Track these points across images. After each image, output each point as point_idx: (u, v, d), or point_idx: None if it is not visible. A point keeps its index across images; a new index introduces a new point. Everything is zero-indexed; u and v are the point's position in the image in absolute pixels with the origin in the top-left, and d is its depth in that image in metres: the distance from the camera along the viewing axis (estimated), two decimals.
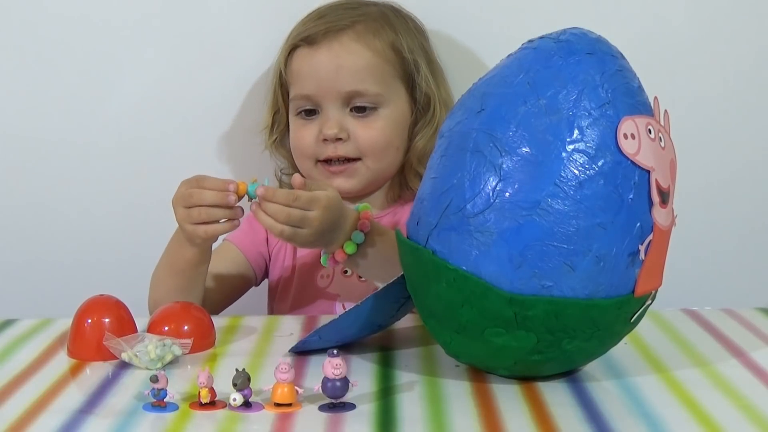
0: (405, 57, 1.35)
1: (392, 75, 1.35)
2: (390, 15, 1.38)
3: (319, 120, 1.34)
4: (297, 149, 1.38)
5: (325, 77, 1.33)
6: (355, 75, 1.32)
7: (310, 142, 1.35)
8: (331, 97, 1.33)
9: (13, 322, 1.26)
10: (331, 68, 1.33)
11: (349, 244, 1.21)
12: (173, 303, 1.19)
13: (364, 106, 1.33)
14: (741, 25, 1.48)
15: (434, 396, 0.99)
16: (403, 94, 1.36)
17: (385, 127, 1.34)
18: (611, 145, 0.93)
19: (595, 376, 1.04)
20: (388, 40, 1.35)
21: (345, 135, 1.33)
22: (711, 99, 1.49)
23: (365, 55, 1.33)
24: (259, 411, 0.95)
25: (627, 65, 0.99)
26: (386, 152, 1.35)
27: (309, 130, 1.35)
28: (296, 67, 1.36)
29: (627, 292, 0.96)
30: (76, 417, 0.94)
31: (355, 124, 1.33)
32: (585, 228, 0.92)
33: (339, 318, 1.07)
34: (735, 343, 1.14)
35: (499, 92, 0.97)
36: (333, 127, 1.33)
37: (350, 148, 1.33)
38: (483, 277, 0.94)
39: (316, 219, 1.15)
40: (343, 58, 1.33)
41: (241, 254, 1.39)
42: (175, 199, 1.19)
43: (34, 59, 1.49)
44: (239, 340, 1.18)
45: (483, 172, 0.94)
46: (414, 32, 1.39)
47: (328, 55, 1.33)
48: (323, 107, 1.34)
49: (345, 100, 1.33)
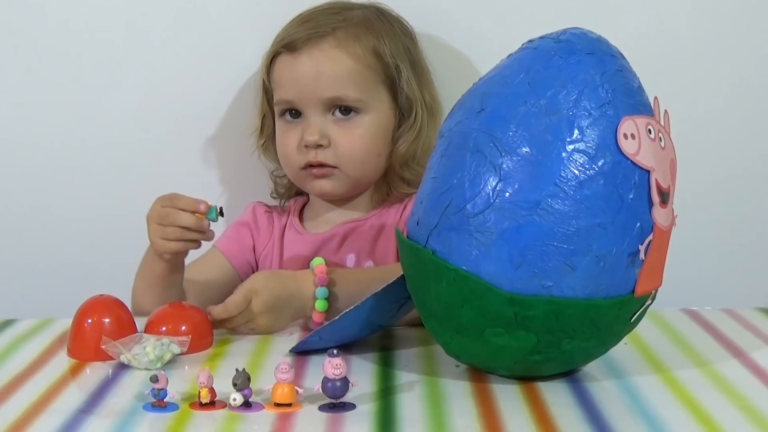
0: (386, 62, 1.35)
1: (374, 80, 1.35)
2: (373, 19, 1.37)
3: (302, 125, 1.34)
4: (282, 156, 1.38)
5: (305, 84, 1.33)
6: (336, 81, 1.32)
7: (293, 148, 1.35)
8: (312, 103, 1.33)
9: (13, 322, 1.26)
10: (311, 75, 1.33)
11: (319, 302, 1.21)
12: (170, 303, 1.19)
13: (347, 107, 1.33)
14: (741, 25, 1.48)
15: (434, 396, 0.99)
16: (386, 98, 1.36)
17: (366, 135, 1.34)
18: (611, 145, 0.93)
19: (595, 376, 1.04)
20: (369, 46, 1.34)
21: (326, 141, 1.33)
22: (711, 99, 1.49)
23: (345, 62, 1.33)
24: (259, 411, 0.95)
25: (627, 65, 0.99)
26: (366, 161, 1.35)
27: (292, 137, 1.35)
28: (278, 74, 1.36)
29: (627, 292, 0.96)
30: (76, 417, 0.94)
31: (336, 131, 1.33)
32: (585, 228, 0.92)
33: (339, 318, 1.07)
34: (735, 343, 1.14)
35: (499, 92, 0.97)
36: (314, 134, 1.33)
37: (329, 155, 1.33)
38: (483, 277, 0.94)
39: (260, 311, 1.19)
40: (323, 65, 1.32)
41: (227, 262, 1.40)
42: (149, 216, 1.24)
43: (30, 61, 1.49)
44: (239, 340, 1.18)
45: (483, 172, 0.94)
46: (399, 35, 1.38)
47: (308, 62, 1.33)
48: (305, 113, 1.34)
49: (326, 106, 1.33)
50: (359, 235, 1.37)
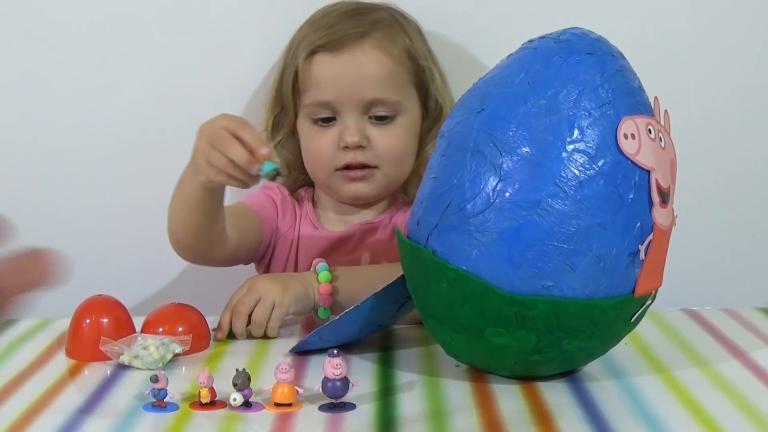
0: (420, 64, 1.35)
1: (408, 82, 1.34)
2: (401, 20, 1.37)
3: (337, 127, 1.33)
4: (314, 157, 1.35)
5: (346, 85, 1.31)
6: (377, 83, 1.31)
7: (327, 149, 1.33)
8: (351, 104, 1.31)
9: (13, 322, 1.26)
10: (353, 76, 1.31)
11: (323, 274, 1.23)
12: (167, 304, 1.18)
13: (383, 115, 1.33)
14: (741, 24, 1.48)
15: (434, 396, 0.99)
16: (416, 100, 1.35)
17: (403, 135, 1.33)
18: (611, 145, 0.93)
19: (595, 376, 1.04)
20: (404, 47, 1.34)
21: (366, 142, 1.32)
22: (712, 99, 1.49)
23: (386, 63, 1.32)
24: (259, 411, 0.95)
25: (627, 65, 0.99)
26: (402, 161, 1.35)
27: (326, 138, 1.33)
28: (316, 73, 1.33)
29: (627, 292, 0.96)
30: (76, 417, 0.94)
31: (374, 132, 1.32)
32: (585, 228, 0.92)
33: (339, 318, 1.07)
34: (735, 343, 1.14)
35: (499, 92, 0.97)
36: (354, 135, 1.31)
37: (369, 155, 1.32)
38: (483, 277, 0.94)
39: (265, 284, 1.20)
40: (365, 66, 1.31)
41: (258, 221, 1.36)
42: (204, 128, 1.14)
43: (34, 60, 1.48)
44: (239, 340, 1.18)
45: (483, 172, 0.94)
46: (422, 36, 1.39)
47: (350, 62, 1.31)
48: (342, 114, 1.32)
49: (365, 108, 1.32)
50: (374, 236, 1.36)
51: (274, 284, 1.20)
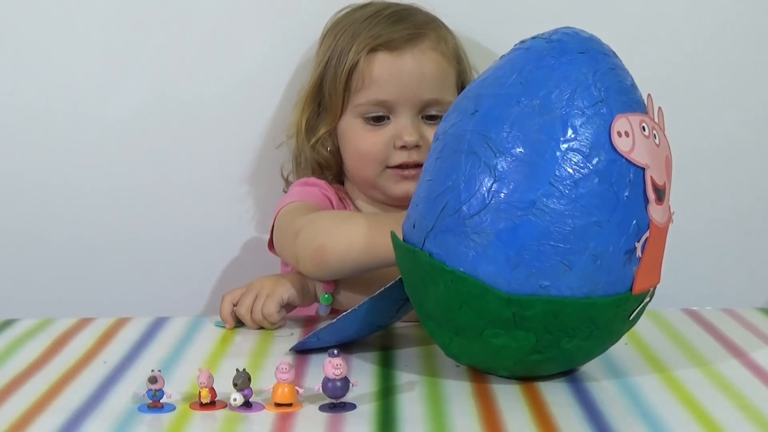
0: (464, 65, 1.36)
1: (455, 82, 1.35)
2: (438, 21, 1.38)
3: (391, 126, 1.33)
4: (366, 155, 1.34)
5: (407, 85, 1.31)
6: (435, 83, 1.32)
7: (381, 147, 1.33)
8: (409, 104, 1.31)
9: (13, 322, 1.26)
10: (413, 76, 1.31)
11: (324, 298, 1.25)
12: None
13: (435, 114, 1.32)
14: (735, 21, 1.48)
15: (434, 396, 0.99)
16: None
17: None
18: (605, 143, 0.93)
19: (595, 376, 1.04)
20: (454, 48, 1.36)
21: (423, 142, 1.32)
22: (708, 96, 1.48)
23: (443, 64, 1.33)
24: (259, 411, 0.95)
25: (620, 63, 0.99)
26: None
27: (380, 136, 1.33)
28: (377, 72, 1.32)
29: (625, 290, 0.96)
30: (76, 417, 0.94)
31: (429, 131, 1.32)
32: (581, 227, 0.92)
33: (337, 320, 1.07)
34: (735, 343, 1.14)
35: (492, 93, 0.97)
36: (413, 134, 1.31)
37: (424, 155, 1.32)
38: (480, 278, 0.94)
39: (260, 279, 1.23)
40: (426, 66, 1.32)
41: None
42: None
43: (36, 59, 1.48)
44: (239, 340, 1.18)
45: (478, 173, 0.94)
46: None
47: (412, 62, 1.31)
48: (397, 113, 1.32)
49: (421, 108, 1.32)
50: None
51: (268, 279, 1.24)
